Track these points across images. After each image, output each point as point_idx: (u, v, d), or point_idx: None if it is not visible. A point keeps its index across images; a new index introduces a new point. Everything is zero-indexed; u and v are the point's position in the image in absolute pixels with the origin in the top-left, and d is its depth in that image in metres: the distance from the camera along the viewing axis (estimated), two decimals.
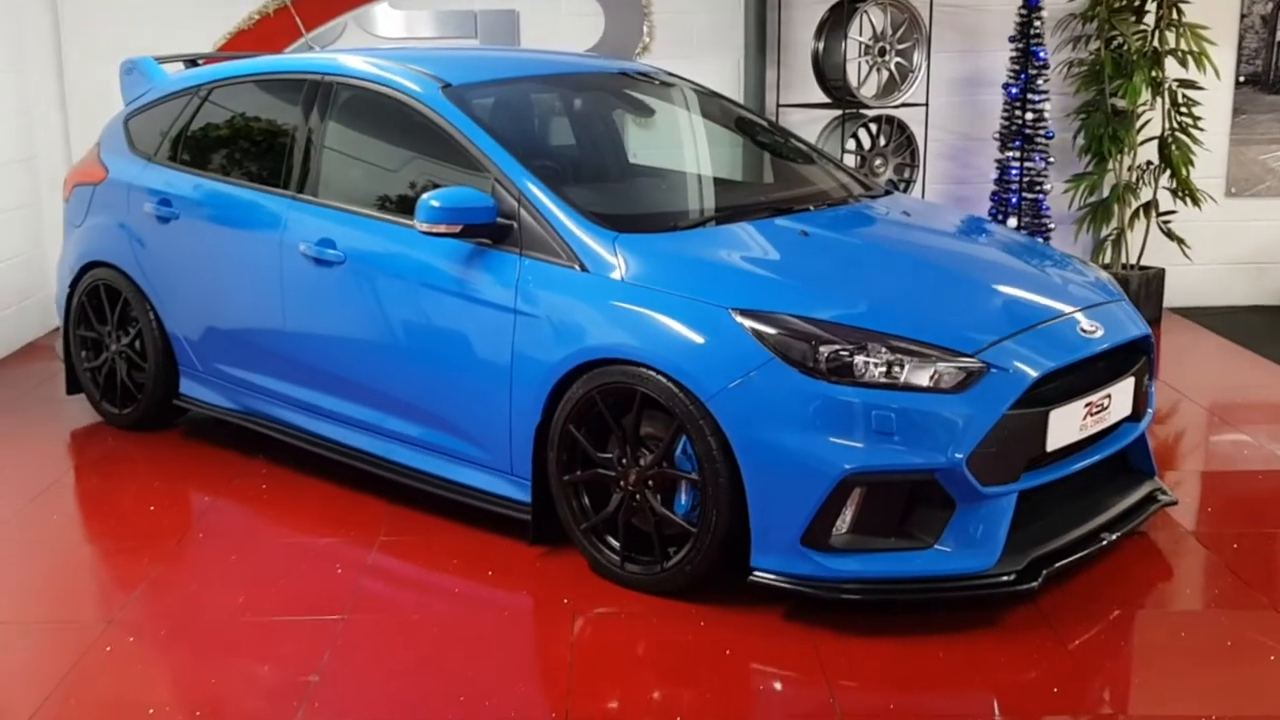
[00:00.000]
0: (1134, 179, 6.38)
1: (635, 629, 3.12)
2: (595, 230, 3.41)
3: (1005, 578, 3.07)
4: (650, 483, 3.25)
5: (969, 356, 3.07)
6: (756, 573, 3.11)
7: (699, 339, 3.13)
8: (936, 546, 3.05)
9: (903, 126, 6.20)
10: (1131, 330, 3.50)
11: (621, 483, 3.30)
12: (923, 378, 3.03)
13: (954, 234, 4.00)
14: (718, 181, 4.39)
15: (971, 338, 3.13)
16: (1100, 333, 3.35)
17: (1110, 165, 6.35)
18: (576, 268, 3.38)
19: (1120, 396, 3.41)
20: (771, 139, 4.61)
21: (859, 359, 3.03)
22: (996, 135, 6.34)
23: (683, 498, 3.24)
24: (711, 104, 4.56)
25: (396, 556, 3.56)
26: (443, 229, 3.45)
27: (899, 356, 3.03)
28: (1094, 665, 2.93)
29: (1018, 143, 6.24)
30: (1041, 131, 6.22)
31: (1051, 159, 6.26)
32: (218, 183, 4.30)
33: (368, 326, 3.80)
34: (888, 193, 4.27)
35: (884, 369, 3.02)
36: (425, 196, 3.46)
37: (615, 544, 3.34)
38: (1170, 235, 6.38)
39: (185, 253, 4.36)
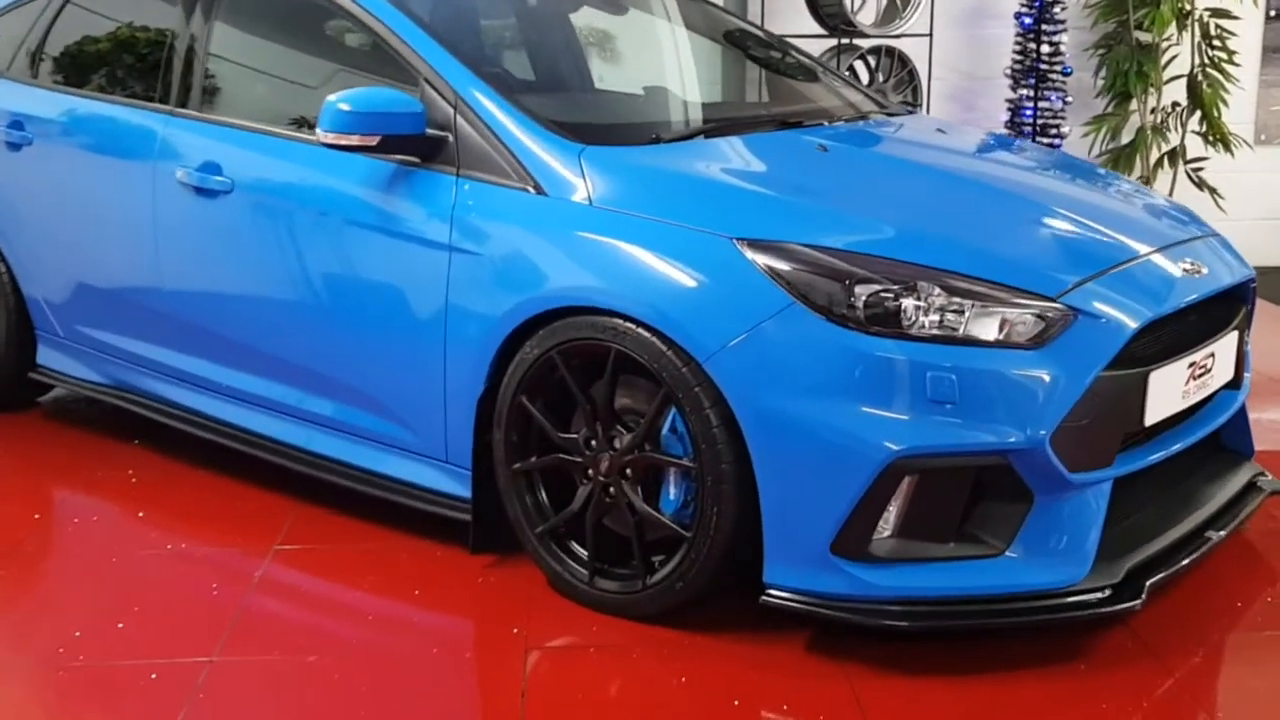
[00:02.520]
0: (1160, 121, 5.67)
1: (608, 667, 2.34)
2: (554, 141, 2.61)
3: (1099, 594, 2.33)
4: (629, 471, 2.47)
5: (1050, 300, 2.31)
6: (771, 591, 2.34)
7: (692, 280, 2.35)
8: (1009, 554, 2.30)
9: (904, 60, 5.44)
10: (1233, 273, 2.77)
11: (590, 471, 2.51)
12: (990, 328, 2.27)
13: (1004, 155, 3.25)
14: (709, 96, 3.59)
15: (1051, 276, 2.37)
16: (1204, 273, 2.61)
17: (1134, 106, 5.64)
18: (530, 189, 2.58)
19: (1223, 355, 2.68)
20: (767, 54, 3.82)
21: (907, 302, 2.26)
22: (1008, 71, 5.61)
23: (672, 491, 2.45)
24: (695, 10, 3.76)
25: (296, 569, 2.74)
26: (355, 140, 2.63)
27: (958, 300, 2.27)
28: (1217, 709, 2.20)
29: (1031, 80, 5.54)
30: (1058, 67, 5.52)
31: (1069, 98, 5.55)
32: (80, 98, 3.44)
33: (261, 274, 2.98)
34: (910, 113, 3.50)
35: (939, 316, 2.26)
36: (332, 98, 2.64)
37: (582, 552, 2.56)
38: (1201, 184, 5.68)
39: (40, 187, 3.50)
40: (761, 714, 2.20)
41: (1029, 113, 5.54)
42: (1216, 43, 5.58)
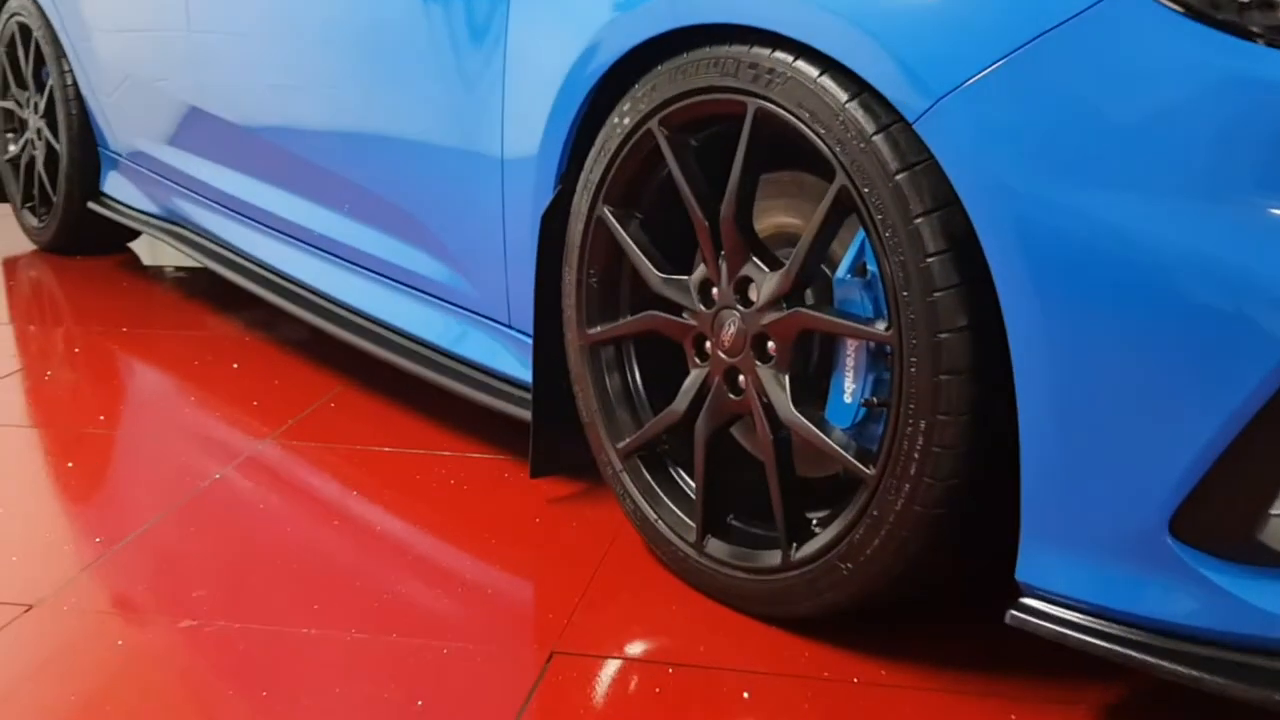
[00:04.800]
0: None
1: (695, 708, 1.23)
2: None
3: None
4: (771, 345, 1.33)
5: None
6: (1029, 601, 1.14)
7: None
8: None
9: None
10: None
11: (708, 344, 1.39)
12: None
13: None
14: None
15: None
16: None
17: None
18: None
19: None
20: None
21: None
22: None
23: (847, 387, 1.29)
24: None
25: (280, 470, 1.80)
26: None
27: None
28: None
29: None
30: None
31: None
32: None
33: (289, 40, 2.05)
34: None
35: None
36: None
37: (689, 484, 1.45)
38: None
39: None
40: None
41: None
42: None
